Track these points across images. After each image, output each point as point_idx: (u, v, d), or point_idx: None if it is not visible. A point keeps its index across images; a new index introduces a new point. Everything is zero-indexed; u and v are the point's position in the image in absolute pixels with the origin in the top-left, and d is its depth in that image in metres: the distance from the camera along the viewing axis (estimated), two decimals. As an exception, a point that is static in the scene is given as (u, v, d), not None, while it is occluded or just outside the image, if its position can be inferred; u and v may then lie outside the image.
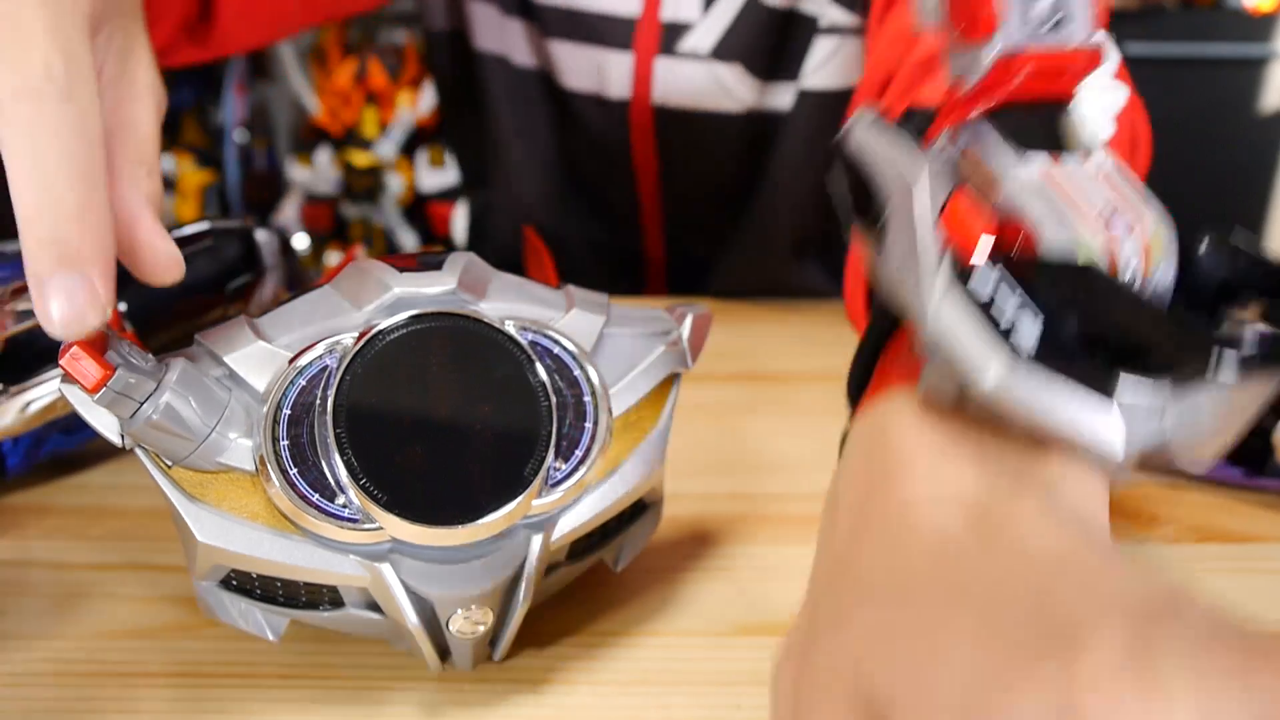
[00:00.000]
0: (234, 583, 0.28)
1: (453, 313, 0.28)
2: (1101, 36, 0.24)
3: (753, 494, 0.42)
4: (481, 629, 0.27)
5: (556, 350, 0.29)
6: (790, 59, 0.61)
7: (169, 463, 0.26)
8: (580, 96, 0.66)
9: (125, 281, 0.41)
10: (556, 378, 0.29)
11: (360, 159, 1.89)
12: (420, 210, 1.95)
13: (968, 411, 0.23)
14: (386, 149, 1.89)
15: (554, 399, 0.28)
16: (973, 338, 0.21)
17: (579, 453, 0.28)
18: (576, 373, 0.29)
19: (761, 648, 0.32)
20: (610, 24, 0.62)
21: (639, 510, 0.32)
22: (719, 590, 0.35)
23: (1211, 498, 0.43)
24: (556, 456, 0.28)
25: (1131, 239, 0.22)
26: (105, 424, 0.26)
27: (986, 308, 0.21)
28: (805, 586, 0.24)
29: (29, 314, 0.37)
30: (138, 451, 0.26)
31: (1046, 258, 0.21)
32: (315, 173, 1.92)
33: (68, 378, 0.24)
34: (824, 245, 0.67)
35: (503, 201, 0.76)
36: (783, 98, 0.62)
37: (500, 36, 0.67)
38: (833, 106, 0.60)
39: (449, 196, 1.89)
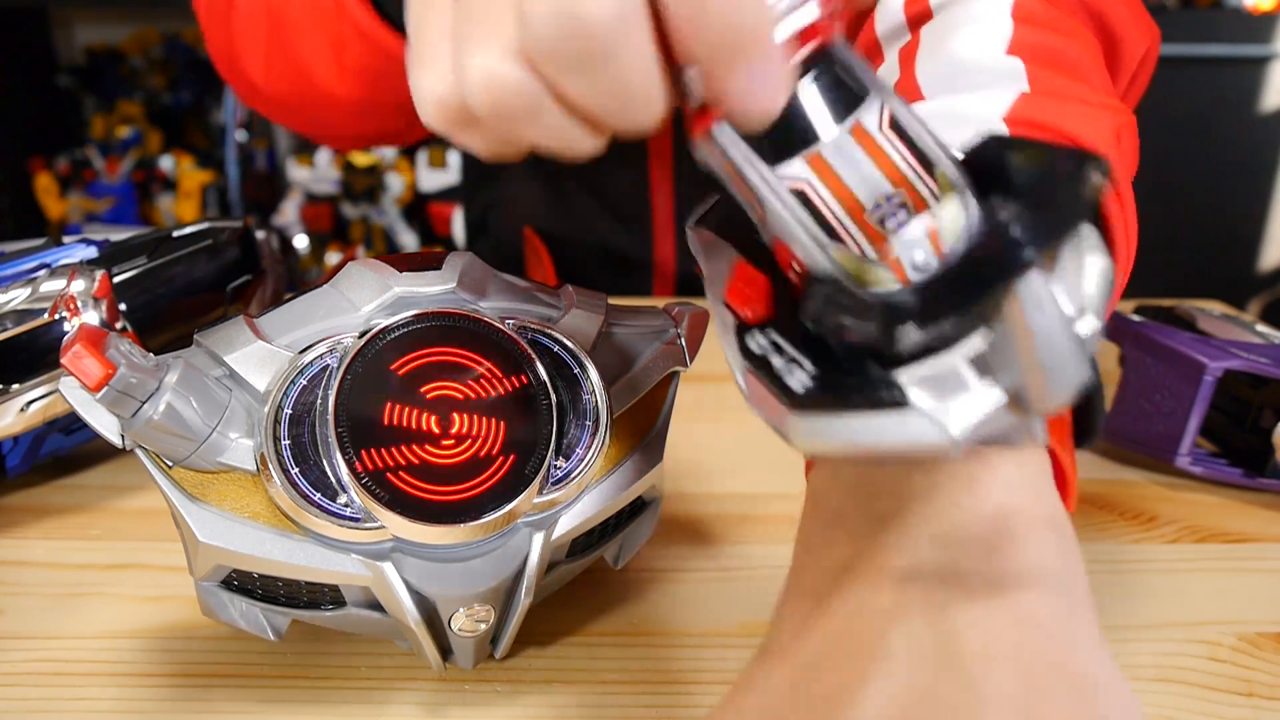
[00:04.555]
0: (235, 583, 0.28)
1: (453, 312, 0.28)
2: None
3: (753, 494, 0.42)
4: (483, 627, 0.27)
5: (556, 349, 0.29)
6: None
7: (169, 463, 0.26)
8: None
9: (125, 281, 0.42)
10: (556, 376, 0.29)
11: (360, 159, 1.89)
12: (420, 210, 1.95)
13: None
14: (386, 149, 1.89)
15: (554, 398, 0.28)
16: (768, 399, 0.21)
17: (579, 451, 0.28)
18: (576, 371, 0.29)
19: (762, 647, 0.32)
20: None
21: (638, 508, 0.32)
22: (719, 590, 0.35)
23: (1211, 498, 0.43)
24: (557, 455, 0.28)
25: (911, 225, 0.20)
26: (105, 424, 0.26)
27: (765, 364, 0.21)
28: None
29: (29, 314, 0.37)
30: (138, 452, 0.26)
31: (812, 286, 0.20)
32: (315, 173, 1.92)
33: (69, 376, 0.24)
34: None
35: (504, 202, 0.76)
36: None
37: None
38: None
39: (449, 196, 1.89)
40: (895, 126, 0.21)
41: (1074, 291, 0.19)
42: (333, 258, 1.95)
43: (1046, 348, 0.18)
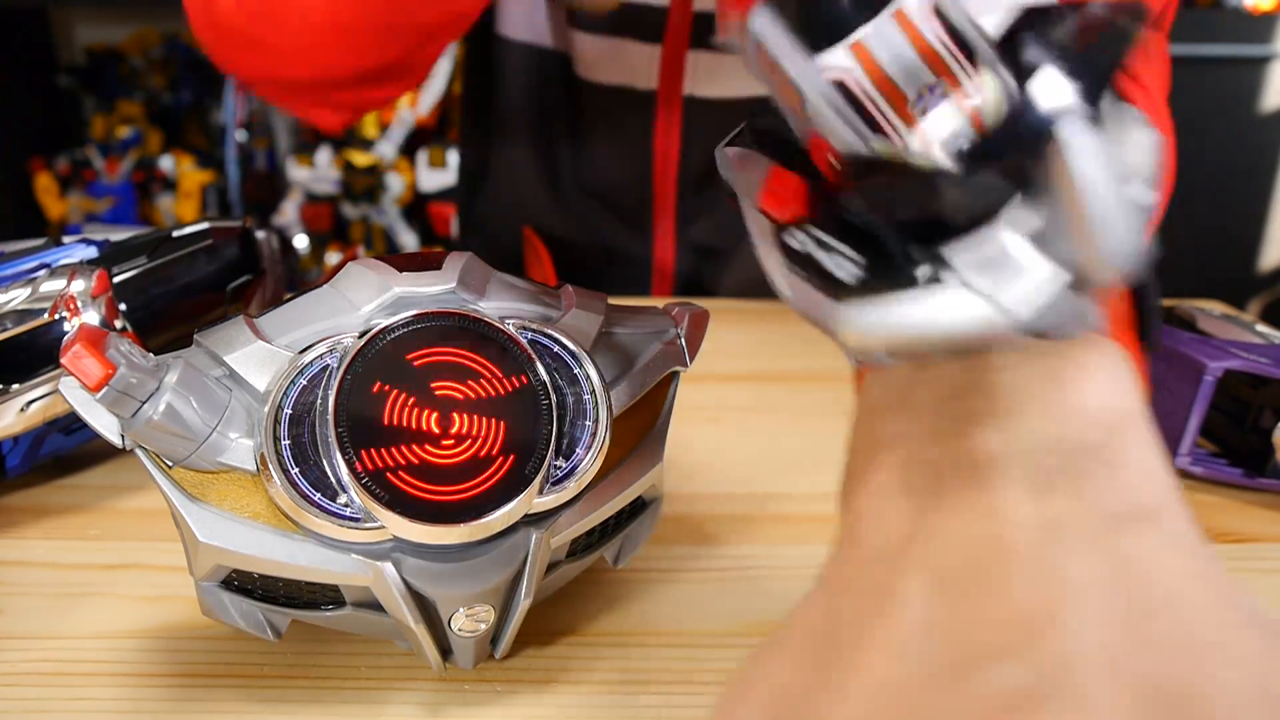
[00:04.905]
0: (235, 583, 0.28)
1: (453, 312, 0.28)
2: None
3: (753, 494, 0.42)
4: (483, 627, 0.27)
5: (556, 349, 0.29)
6: None
7: (169, 463, 0.26)
8: (603, 87, 0.65)
9: (125, 281, 0.42)
10: (556, 376, 0.29)
11: (360, 159, 1.89)
12: (420, 210, 1.95)
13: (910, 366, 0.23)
14: (386, 149, 1.89)
15: (554, 398, 0.28)
16: (813, 296, 0.20)
17: (579, 451, 0.28)
18: (576, 371, 0.29)
19: (762, 647, 0.32)
20: (638, 14, 0.62)
21: (639, 508, 0.32)
22: (719, 590, 0.35)
23: (1211, 498, 0.43)
24: (557, 455, 0.28)
25: (951, 111, 0.19)
26: (105, 424, 0.26)
27: (809, 260, 0.20)
28: (804, 587, 0.24)
29: (29, 314, 0.37)
30: (138, 452, 0.26)
31: (852, 166, 0.20)
32: (315, 173, 1.92)
33: (69, 376, 0.24)
34: None
35: (503, 202, 0.76)
36: None
37: (529, 23, 0.67)
38: None
39: (449, 196, 1.89)
40: (937, 11, 0.20)
41: (1119, 155, 0.18)
42: (333, 258, 1.95)
43: (1096, 201, 0.17)
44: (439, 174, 1.89)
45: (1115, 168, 0.17)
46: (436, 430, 0.27)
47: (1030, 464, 0.20)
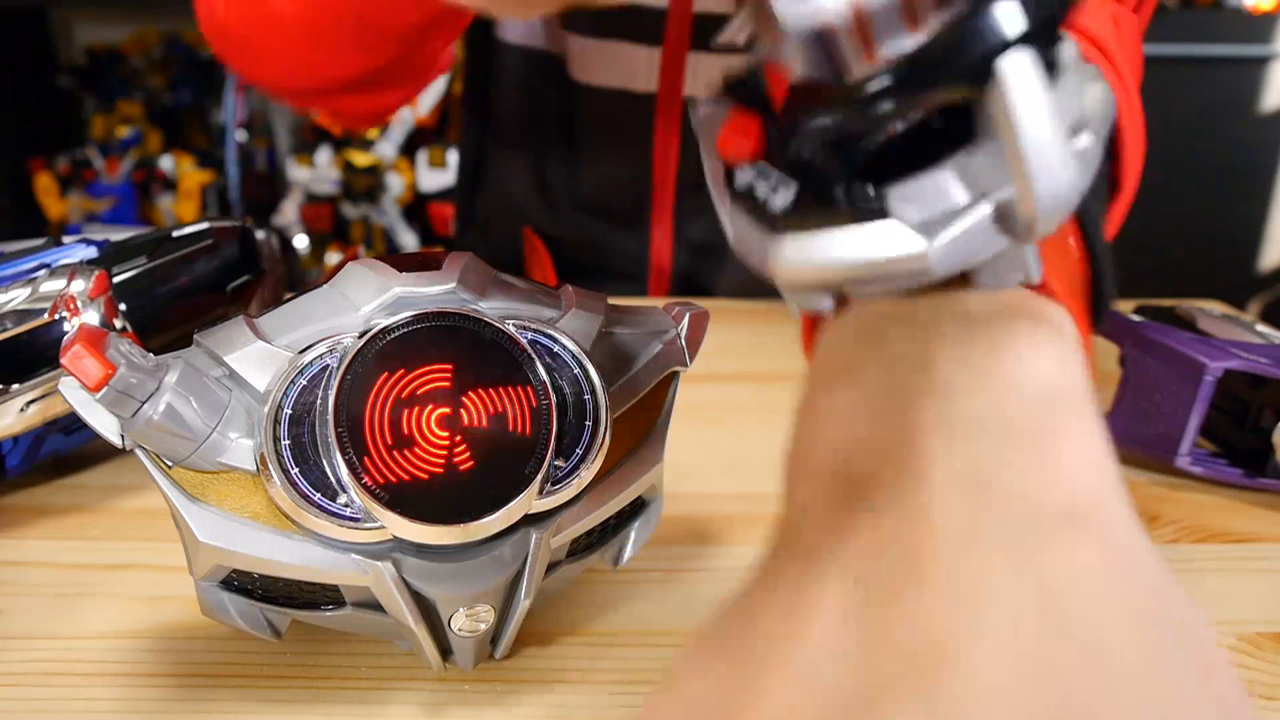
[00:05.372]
0: (234, 583, 0.28)
1: (453, 312, 0.28)
2: None
3: (753, 494, 0.42)
4: (483, 627, 0.27)
5: (556, 349, 0.29)
6: None
7: (169, 463, 0.26)
8: (600, 90, 0.65)
9: (125, 281, 0.42)
10: (556, 376, 0.29)
11: (360, 159, 1.89)
12: (420, 210, 1.95)
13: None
14: (386, 149, 1.89)
15: (553, 398, 0.28)
16: (750, 232, 0.20)
17: (579, 451, 0.28)
18: (576, 371, 0.29)
19: (762, 647, 0.32)
20: (637, 17, 0.62)
21: (639, 508, 0.32)
22: (719, 590, 0.35)
23: (1211, 498, 0.43)
24: (556, 455, 0.28)
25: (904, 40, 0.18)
26: (105, 424, 0.26)
27: (749, 194, 0.20)
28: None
29: (29, 314, 0.37)
30: (138, 452, 0.26)
31: (791, 93, 0.19)
32: (315, 173, 1.92)
33: (69, 376, 0.24)
34: None
35: (499, 202, 0.76)
36: None
37: (523, 25, 0.67)
38: None
39: (449, 196, 1.89)
40: None
41: (1070, 105, 0.18)
42: (333, 258, 1.95)
43: (1034, 146, 0.17)
44: (439, 174, 1.89)
45: (1060, 113, 0.17)
46: (437, 430, 0.27)
47: (964, 447, 0.19)
